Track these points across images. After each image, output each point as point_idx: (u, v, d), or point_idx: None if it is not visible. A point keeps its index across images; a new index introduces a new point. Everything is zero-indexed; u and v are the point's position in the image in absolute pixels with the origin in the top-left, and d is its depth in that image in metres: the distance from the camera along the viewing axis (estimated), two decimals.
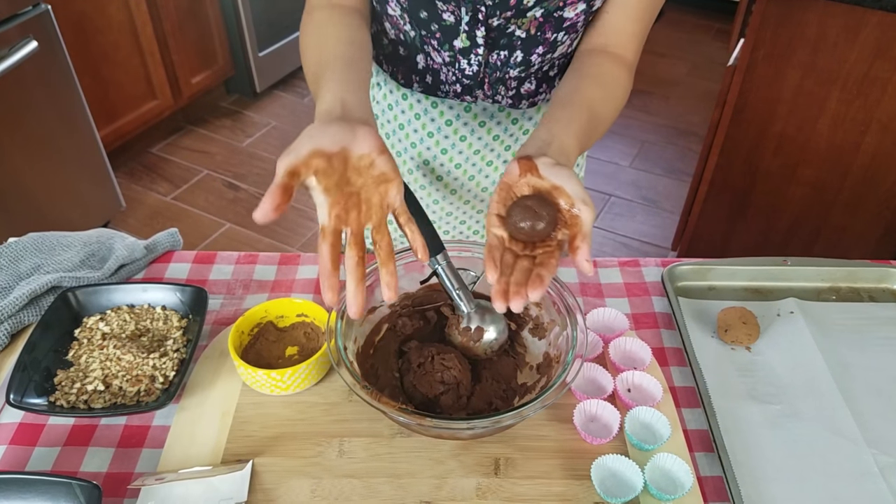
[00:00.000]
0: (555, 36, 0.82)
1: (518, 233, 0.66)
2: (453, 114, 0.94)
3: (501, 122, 0.95)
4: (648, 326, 0.92)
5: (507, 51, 0.84)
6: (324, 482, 0.74)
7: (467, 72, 0.86)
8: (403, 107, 0.95)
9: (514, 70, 0.86)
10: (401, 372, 0.80)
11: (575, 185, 0.65)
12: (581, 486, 0.74)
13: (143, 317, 0.88)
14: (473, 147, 0.97)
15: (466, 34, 0.81)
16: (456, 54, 0.84)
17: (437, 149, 0.97)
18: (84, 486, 0.69)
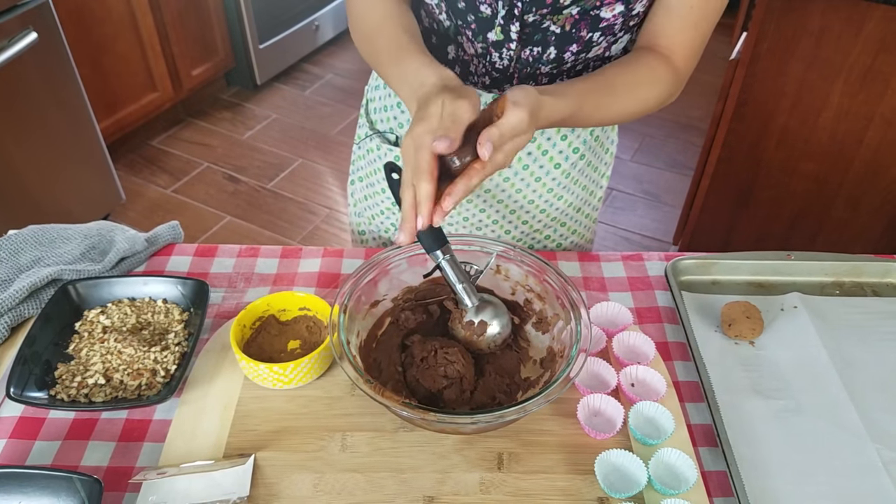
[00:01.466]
0: (590, 35, 0.82)
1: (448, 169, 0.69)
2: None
3: None
4: (652, 321, 0.92)
5: (540, 47, 0.83)
6: (326, 477, 0.74)
7: (498, 65, 0.86)
8: None
9: (545, 67, 0.85)
10: (404, 366, 0.80)
11: (519, 92, 0.68)
12: (585, 481, 0.74)
13: (144, 310, 0.87)
14: None
15: (501, 28, 0.81)
16: (489, 47, 0.84)
17: None
18: (85, 480, 0.68)
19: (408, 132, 0.69)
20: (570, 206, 1.04)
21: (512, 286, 0.85)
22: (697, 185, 1.96)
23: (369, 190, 1.08)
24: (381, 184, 1.06)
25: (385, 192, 1.06)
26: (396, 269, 0.85)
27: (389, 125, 1.01)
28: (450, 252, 0.77)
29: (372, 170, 1.06)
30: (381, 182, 1.06)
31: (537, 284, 0.83)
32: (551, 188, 0.99)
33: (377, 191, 1.07)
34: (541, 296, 0.83)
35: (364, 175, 1.09)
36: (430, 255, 0.78)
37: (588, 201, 1.07)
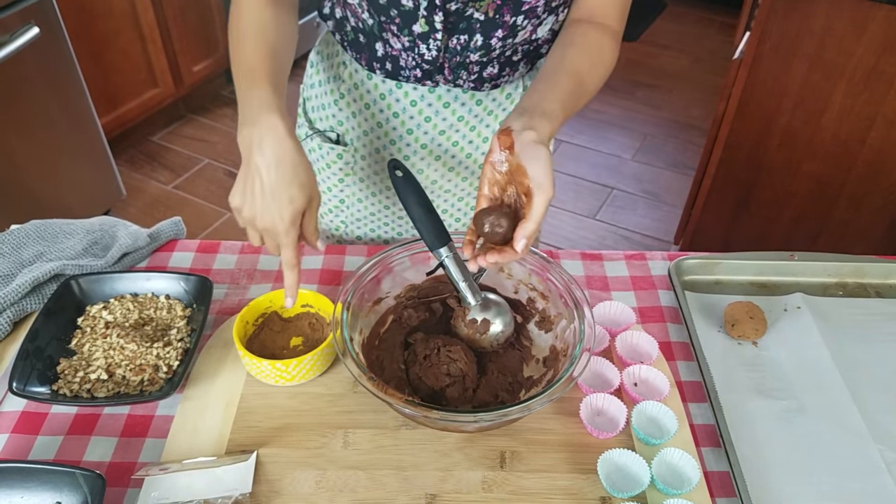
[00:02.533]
0: (514, 19, 0.82)
1: (484, 236, 0.72)
2: (417, 94, 0.93)
3: (465, 103, 0.94)
4: (655, 320, 0.92)
5: (466, 35, 0.83)
6: (328, 473, 0.74)
7: (427, 57, 0.86)
8: (368, 87, 0.94)
9: (474, 54, 0.86)
10: (406, 363, 0.80)
11: (539, 167, 0.68)
12: (587, 481, 0.74)
13: (146, 306, 0.87)
14: (438, 128, 0.96)
15: (425, 19, 0.81)
16: (415, 39, 0.84)
17: (403, 129, 0.96)
18: (88, 476, 0.68)
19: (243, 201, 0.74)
20: None
21: (515, 284, 0.85)
22: (699, 185, 1.96)
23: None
24: (328, 182, 1.06)
25: (332, 191, 1.06)
26: (399, 266, 0.85)
27: (329, 123, 1.01)
28: (453, 250, 0.77)
29: (316, 169, 1.06)
30: (328, 181, 1.05)
31: (540, 283, 0.83)
32: None
33: (324, 190, 1.07)
34: (544, 294, 0.83)
35: None
36: (433, 252, 0.78)
37: None
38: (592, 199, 2.48)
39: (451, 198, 1.05)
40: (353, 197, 1.05)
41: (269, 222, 0.72)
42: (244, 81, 0.76)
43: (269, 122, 0.71)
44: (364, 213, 1.07)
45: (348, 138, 1.00)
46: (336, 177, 1.04)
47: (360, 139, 0.99)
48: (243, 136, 0.72)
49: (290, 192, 0.71)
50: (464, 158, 1.00)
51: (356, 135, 0.99)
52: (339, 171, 1.03)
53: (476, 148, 0.99)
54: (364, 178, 1.03)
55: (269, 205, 0.71)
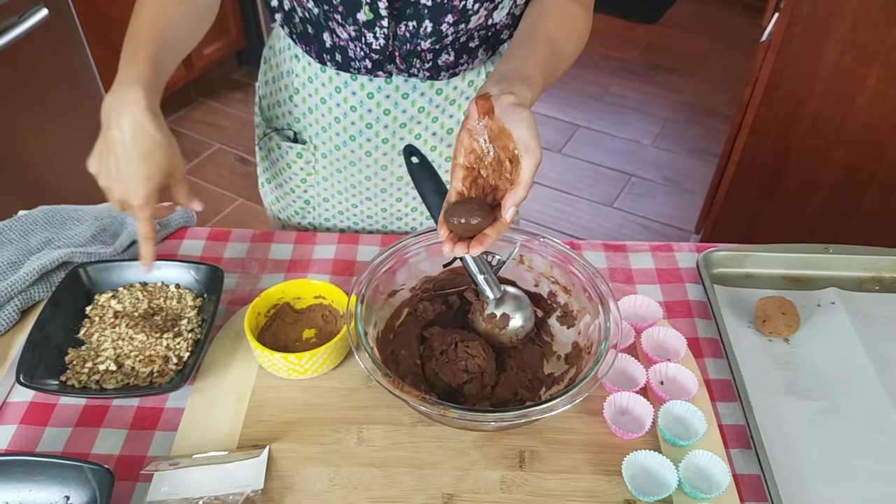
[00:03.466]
0: (464, 3, 0.77)
1: (456, 229, 0.66)
2: (374, 86, 0.88)
3: (425, 92, 0.89)
4: (682, 315, 0.88)
5: (414, 21, 0.78)
6: (342, 470, 0.71)
7: (374, 46, 0.81)
8: (323, 80, 0.89)
9: (425, 41, 0.81)
10: (422, 358, 0.77)
11: (524, 129, 0.65)
12: (611, 483, 0.71)
13: (156, 295, 0.85)
14: (399, 120, 0.91)
15: (369, 6, 0.77)
16: (361, 28, 0.79)
17: (362, 123, 0.91)
18: (96, 470, 0.66)
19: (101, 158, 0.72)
20: None
21: (535, 277, 0.82)
22: (722, 172, 1.91)
23: (280, 191, 1.04)
24: (290, 183, 1.02)
25: (296, 192, 1.02)
26: (415, 257, 0.81)
27: (286, 121, 0.97)
28: None
29: (277, 170, 1.02)
30: (290, 181, 1.01)
31: (562, 276, 0.79)
32: None
33: (287, 191, 1.03)
34: (566, 288, 0.79)
35: (271, 176, 1.04)
36: None
37: None
38: (610, 186, 2.42)
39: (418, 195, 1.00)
40: (319, 197, 1.01)
41: (124, 196, 0.72)
42: (127, 50, 0.74)
43: (133, 96, 0.69)
44: (332, 213, 1.03)
45: (307, 135, 0.96)
46: (298, 177, 1.00)
47: (319, 136, 0.94)
48: (105, 104, 0.71)
49: (145, 171, 0.71)
50: (428, 152, 0.95)
51: (314, 131, 0.94)
52: (300, 171, 0.99)
53: (440, 140, 0.94)
54: (327, 176, 0.98)
55: (125, 179, 0.71)
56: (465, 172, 0.67)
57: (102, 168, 0.72)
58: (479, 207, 0.64)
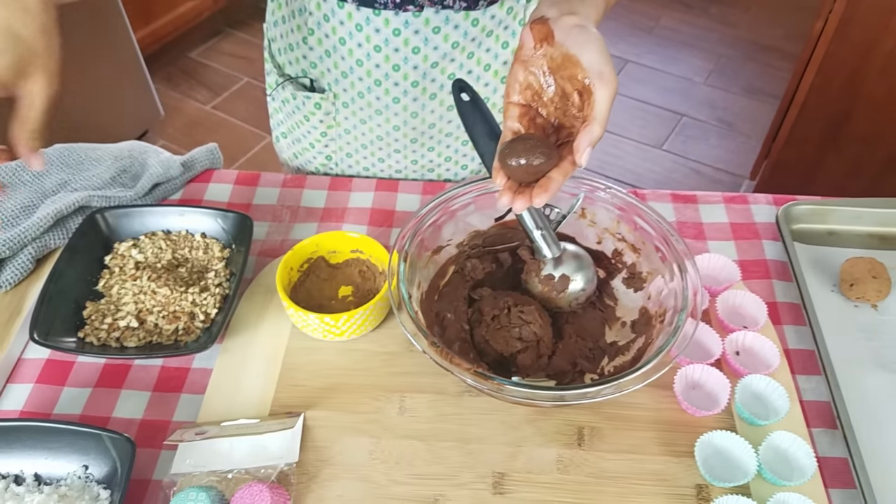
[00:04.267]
0: None
1: (514, 173, 0.56)
2: (400, 21, 0.76)
3: (459, 25, 0.78)
4: (758, 276, 0.79)
5: None
6: (383, 442, 0.65)
7: None
8: (341, 17, 0.77)
9: None
10: (471, 323, 0.70)
11: (594, 54, 0.55)
12: (680, 465, 0.63)
13: (180, 245, 0.78)
14: (430, 59, 0.80)
15: None
16: None
17: (388, 65, 0.80)
18: (116, 439, 0.61)
19: None
20: None
21: (598, 233, 0.73)
22: (784, 114, 1.76)
23: (298, 146, 0.94)
24: (309, 137, 0.91)
25: (316, 147, 0.92)
26: (463, 210, 0.73)
27: (300, 67, 0.85)
28: None
29: (294, 123, 0.91)
30: (309, 136, 0.91)
31: (631, 232, 0.70)
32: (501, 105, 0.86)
33: (306, 146, 0.93)
34: (635, 246, 0.70)
35: (288, 129, 0.94)
36: None
37: None
38: (660, 126, 2.27)
39: (453, 142, 0.90)
40: (342, 151, 0.92)
41: None
42: None
43: None
44: (357, 168, 0.94)
45: (325, 83, 0.85)
46: (317, 130, 0.90)
47: (339, 82, 0.83)
48: None
49: None
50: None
51: (333, 77, 0.83)
52: (319, 124, 0.89)
53: (477, 78, 0.83)
54: (350, 128, 0.88)
55: None
56: (521, 111, 0.58)
57: None
58: (541, 144, 0.55)
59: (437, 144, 0.90)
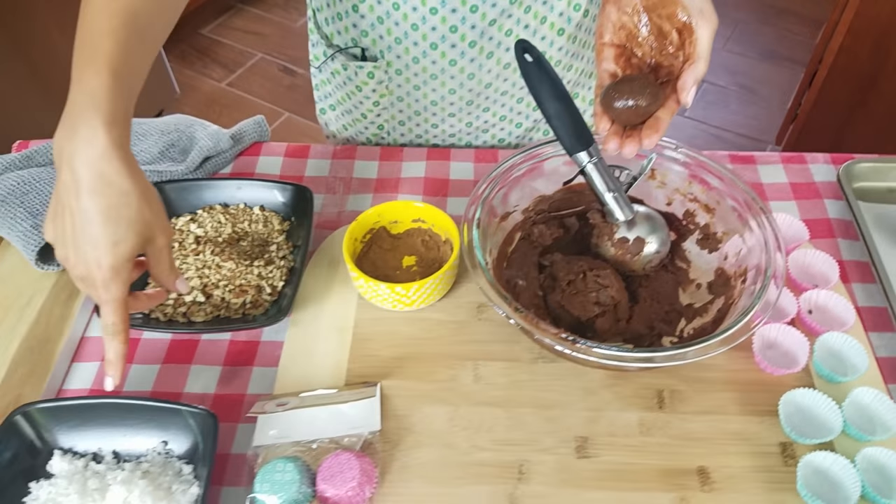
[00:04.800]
0: None
1: (620, 115, 0.56)
2: None
3: None
4: (823, 235, 0.78)
5: None
6: (461, 410, 0.65)
7: None
8: None
9: None
10: (543, 289, 0.69)
11: None
12: (762, 424, 0.63)
13: (239, 218, 0.77)
14: (488, 17, 0.77)
15: None
16: None
17: (445, 27, 0.78)
18: (197, 414, 0.60)
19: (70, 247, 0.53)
20: (583, 73, 0.90)
21: (668, 195, 0.72)
22: (812, 76, 1.74)
23: (348, 118, 0.92)
24: (361, 108, 0.89)
25: (367, 118, 0.90)
26: (528, 175, 0.72)
27: (350, 36, 0.83)
28: (597, 154, 0.64)
29: (344, 94, 0.89)
30: (361, 106, 0.89)
31: (704, 192, 0.69)
32: (559, 59, 0.85)
33: (357, 118, 0.91)
34: (708, 206, 0.69)
35: (337, 101, 0.92)
36: (572, 157, 0.65)
37: None
38: None
39: (508, 101, 0.89)
40: (394, 120, 0.90)
41: (84, 270, 0.53)
42: (80, 54, 0.53)
43: (88, 132, 0.50)
44: (409, 137, 0.92)
45: (377, 51, 0.82)
46: (370, 100, 0.88)
47: (392, 49, 0.81)
48: (55, 142, 0.52)
49: (110, 234, 0.51)
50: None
51: (386, 45, 0.81)
52: (371, 94, 0.87)
53: (534, 32, 0.81)
54: (403, 95, 0.87)
55: (83, 246, 0.52)
56: (616, 52, 0.57)
57: (58, 231, 0.53)
58: (647, 84, 0.54)
59: (493, 104, 0.88)
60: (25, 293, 0.73)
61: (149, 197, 0.53)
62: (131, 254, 0.53)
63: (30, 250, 0.72)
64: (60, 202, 0.52)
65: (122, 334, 0.56)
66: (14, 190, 0.75)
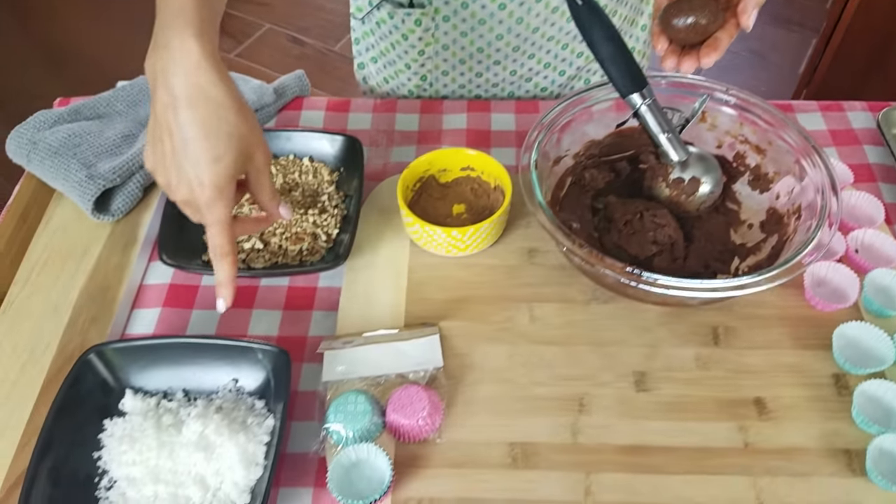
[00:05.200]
0: None
1: (678, 34, 0.56)
2: None
3: None
4: (864, 180, 0.79)
5: None
6: (520, 348, 0.66)
7: None
8: None
9: None
10: (598, 231, 0.70)
11: None
12: (815, 357, 0.65)
13: (290, 169, 0.78)
14: None
15: None
16: None
17: None
18: (268, 351, 0.62)
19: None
20: (626, 20, 0.91)
21: (718, 137, 0.73)
22: (827, 39, 1.75)
23: (391, 69, 0.92)
24: (405, 58, 0.89)
25: (412, 68, 0.90)
26: (579, 120, 0.73)
27: None
28: (651, 95, 0.65)
29: (388, 45, 0.89)
30: (405, 56, 0.89)
31: (754, 133, 0.70)
32: (605, 4, 0.86)
33: (401, 68, 0.91)
34: (759, 147, 0.70)
35: (380, 53, 0.92)
36: (625, 99, 0.65)
37: (639, 9, 0.92)
38: None
39: (553, 46, 0.89)
40: (438, 70, 0.91)
41: (186, 192, 0.53)
42: None
43: (180, 44, 0.49)
44: (452, 87, 0.93)
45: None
46: (415, 49, 0.88)
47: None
48: (147, 66, 0.52)
49: (212, 147, 0.51)
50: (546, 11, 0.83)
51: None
52: (417, 42, 0.87)
53: None
54: (449, 44, 0.87)
55: (184, 166, 0.52)
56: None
57: (157, 156, 0.53)
58: (707, 2, 0.55)
59: (538, 50, 0.89)
60: (81, 243, 0.74)
61: (244, 111, 0.53)
62: (232, 171, 0.53)
63: (86, 200, 0.72)
64: (158, 124, 0.52)
65: (230, 256, 0.56)
66: (65, 142, 0.75)
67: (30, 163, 0.76)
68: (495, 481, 0.58)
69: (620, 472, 0.59)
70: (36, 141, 0.75)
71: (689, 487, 0.58)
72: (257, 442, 0.58)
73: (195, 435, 0.58)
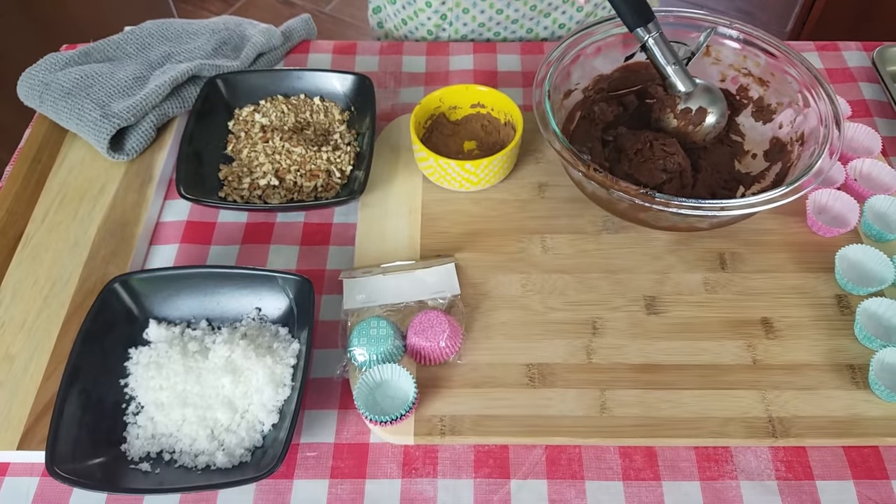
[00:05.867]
0: None
1: None
2: None
3: None
4: (860, 115, 0.82)
5: None
6: (533, 277, 0.68)
7: None
8: None
9: None
10: (609, 161, 0.72)
11: None
12: (818, 279, 0.68)
13: (301, 108, 0.78)
14: None
15: None
16: None
17: None
18: (290, 280, 0.63)
19: None
20: None
21: (722, 71, 0.75)
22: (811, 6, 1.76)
23: (409, 10, 0.92)
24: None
25: (432, 6, 0.89)
26: (586, 53, 0.74)
27: None
28: (658, 29, 0.66)
29: None
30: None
31: (757, 66, 0.72)
32: None
33: (420, 7, 0.90)
34: (762, 79, 0.72)
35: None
36: (633, 32, 0.67)
37: None
38: None
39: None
40: (458, 8, 0.91)
41: None
42: None
43: None
44: (472, 26, 0.93)
45: None
46: None
47: None
48: None
49: None
50: None
51: None
52: None
53: None
54: None
55: None
56: None
57: None
58: None
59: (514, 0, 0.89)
60: (97, 182, 0.74)
61: None
62: None
63: (101, 139, 0.73)
64: None
65: None
66: (78, 83, 0.75)
67: (42, 104, 0.76)
68: (515, 398, 0.60)
69: (634, 388, 0.61)
70: (48, 82, 0.75)
71: (700, 402, 0.60)
72: (284, 364, 0.60)
73: (222, 359, 0.60)
